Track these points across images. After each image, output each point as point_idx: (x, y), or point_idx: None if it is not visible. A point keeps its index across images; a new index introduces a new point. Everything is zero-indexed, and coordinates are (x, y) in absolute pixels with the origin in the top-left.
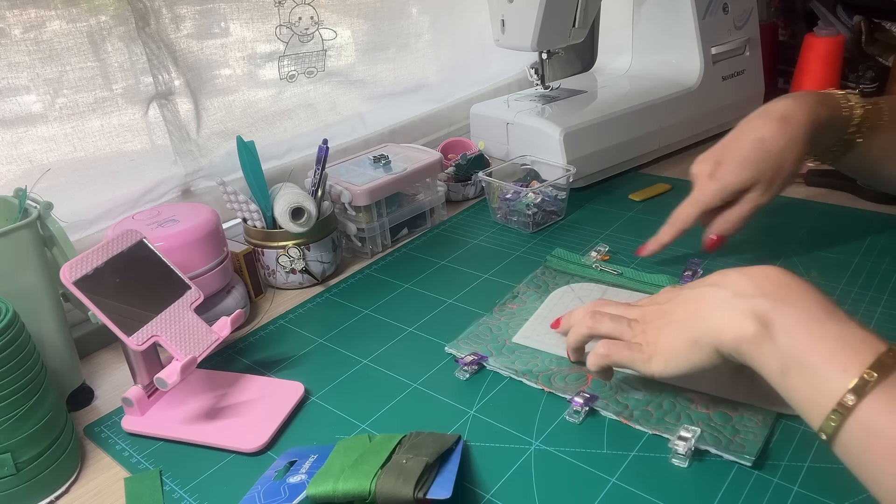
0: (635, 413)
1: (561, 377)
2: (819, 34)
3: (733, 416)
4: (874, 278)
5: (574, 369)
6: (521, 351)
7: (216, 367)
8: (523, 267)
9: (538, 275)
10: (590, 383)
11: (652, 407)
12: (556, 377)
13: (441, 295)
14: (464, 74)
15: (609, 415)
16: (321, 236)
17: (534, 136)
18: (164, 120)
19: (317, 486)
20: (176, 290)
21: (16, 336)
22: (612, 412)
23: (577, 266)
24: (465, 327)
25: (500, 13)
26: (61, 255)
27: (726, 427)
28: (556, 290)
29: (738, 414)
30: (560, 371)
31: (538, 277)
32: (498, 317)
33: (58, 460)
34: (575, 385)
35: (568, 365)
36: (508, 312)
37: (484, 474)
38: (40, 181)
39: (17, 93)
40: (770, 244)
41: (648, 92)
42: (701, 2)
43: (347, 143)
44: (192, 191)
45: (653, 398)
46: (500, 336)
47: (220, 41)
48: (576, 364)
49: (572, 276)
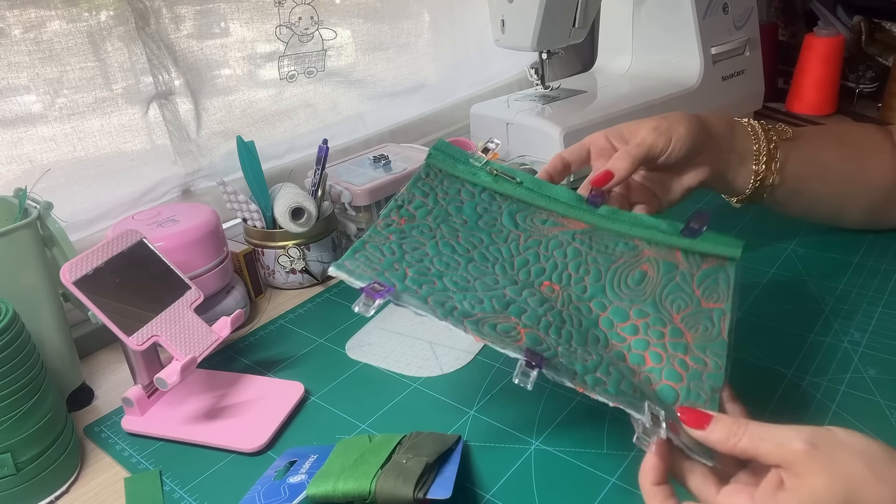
0: (588, 379)
1: (490, 325)
2: (819, 34)
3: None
4: (874, 278)
5: (501, 317)
6: (428, 285)
7: (216, 367)
8: None
9: (422, 178)
10: (524, 338)
11: (601, 373)
12: (485, 324)
13: None
14: (464, 74)
15: (563, 380)
16: (321, 236)
17: (534, 136)
18: (164, 120)
19: (317, 486)
20: (176, 290)
21: (16, 336)
22: (566, 377)
23: (466, 168)
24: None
25: (500, 13)
26: (61, 255)
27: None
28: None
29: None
30: (486, 317)
31: (423, 182)
32: (386, 235)
33: (58, 460)
34: (509, 338)
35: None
36: (397, 230)
37: (484, 474)
38: (40, 181)
39: (17, 93)
40: (770, 244)
41: (648, 92)
42: (701, 2)
43: (347, 143)
44: (192, 191)
45: (600, 363)
46: (398, 263)
47: (220, 41)
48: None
49: (462, 181)
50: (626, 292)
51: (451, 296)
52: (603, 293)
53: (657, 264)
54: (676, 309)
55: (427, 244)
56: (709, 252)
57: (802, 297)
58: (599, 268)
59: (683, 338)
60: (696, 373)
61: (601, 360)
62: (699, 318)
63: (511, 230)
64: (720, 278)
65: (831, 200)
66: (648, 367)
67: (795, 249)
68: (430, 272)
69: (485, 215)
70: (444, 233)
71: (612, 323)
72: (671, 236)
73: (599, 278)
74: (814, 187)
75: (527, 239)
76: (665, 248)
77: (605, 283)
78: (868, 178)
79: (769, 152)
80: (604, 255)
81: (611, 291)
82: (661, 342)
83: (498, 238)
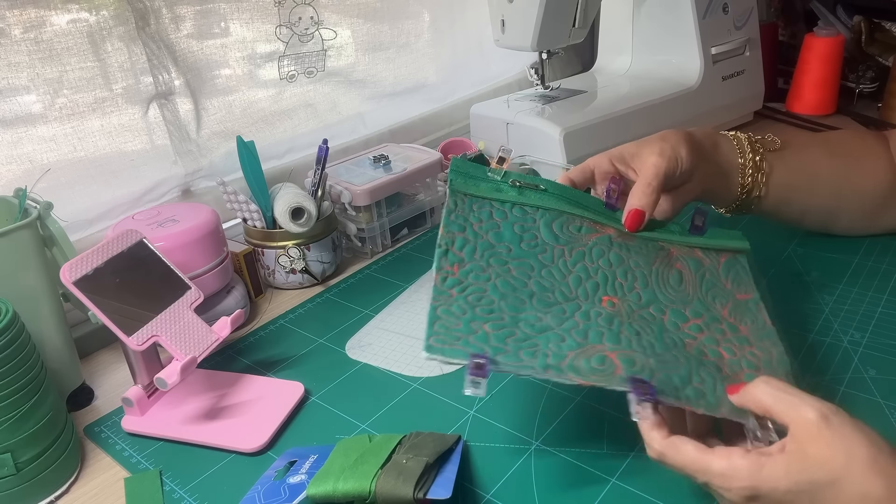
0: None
1: (585, 361)
2: (819, 34)
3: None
4: (874, 278)
5: (588, 349)
6: (511, 337)
7: (216, 367)
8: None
9: (452, 210)
10: (619, 364)
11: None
12: (580, 361)
13: None
14: (464, 74)
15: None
16: (321, 236)
17: (534, 136)
18: (164, 120)
19: (317, 486)
20: (176, 290)
21: (16, 336)
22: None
23: (488, 185)
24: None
25: (500, 13)
26: (61, 255)
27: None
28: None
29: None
30: (576, 354)
31: (455, 214)
32: (448, 292)
33: (58, 460)
34: (607, 369)
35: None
36: (455, 282)
37: (484, 474)
38: (40, 181)
39: (17, 93)
40: (770, 244)
41: (648, 92)
42: (701, 2)
43: (347, 143)
44: (192, 191)
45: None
46: (474, 323)
47: (220, 41)
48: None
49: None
50: (672, 295)
51: (536, 342)
52: (655, 298)
53: (687, 262)
54: (721, 304)
55: (488, 289)
56: (721, 247)
57: (802, 297)
58: (643, 271)
59: (740, 332)
60: (767, 361)
61: (689, 365)
62: (742, 311)
63: (553, 245)
64: (739, 270)
65: (822, 209)
66: (727, 359)
67: (795, 249)
68: (505, 320)
69: (524, 235)
70: (497, 269)
71: (677, 325)
72: (684, 236)
73: (647, 283)
74: (803, 197)
75: (571, 252)
76: (685, 247)
77: (654, 288)
78: (860, 187)
79: (755, 164)
80: (642, 258)
81: (661, 294)
82: (725, 337)
83: (545, 259)
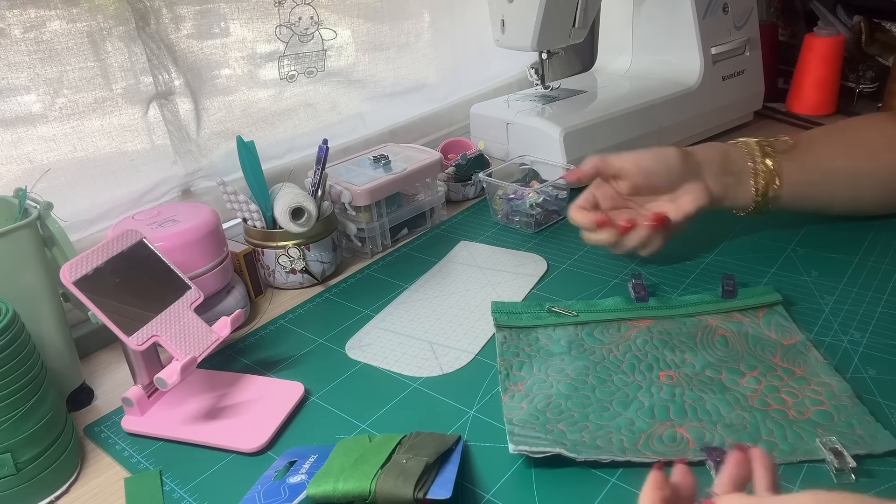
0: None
1: (658, 440)
2: (819, 34)
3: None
4: (874, 278)
5: (658, 427)
6: (585, 430)
7: (216, 367)
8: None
9: (503, 343)
10: (689, 437)
11: (765, 433)
12: (654, 441)
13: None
14: (464, 74)
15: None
16: (321, 236)
17: (534, 136)
18: (164, 120)
19: (317, 486)
20: (176, 290)
21: (16, 336)
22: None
23: (529, 315)
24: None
25: (500, 13)
26: (61, 255)
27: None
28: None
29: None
30: (649, 435)
31: (506, 345)
32: (519, 405)
33: (58, 460)
34: (673, 445)
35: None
36: (522, 396)
37: (484, 474)
38: (40, 181)
39: (17, 93)
40: (770, 244)
41: (648, 92)
42: (701, 2)
43: (347, 143)
44: (192, 191)
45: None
46: (549, 424)
47: (220, 41)
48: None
49: (533, 328)
50: (723, 355)
51: (609, 430)
52: (708, 363)
53: (727, 326)
54: (771, 354)
55: (553, 395)
56: (756, 304)
57: (802, 297)
58: (689, 345)
59: (796, 374)
60: (829, 394)
61: (756, 421)
62: (794, 355)
63: (601, 346)
64: (779, 319)
65: (844, 198)
66: (791, 403)
67: (795, 249)
68: (576, 417)
69: (572, 345)
70: (556, 376)
71: (736, 381)
72: (718, 302)
73: (696, 352)
74: (822, 191)
75: (618, 347)
76: (722, 313)
77: (704, 355)
78: (879, 171)
79: (767, 167)
80: (684, 334)
81: (712, 358)
82: (784, 382)
83: (596, 358)
